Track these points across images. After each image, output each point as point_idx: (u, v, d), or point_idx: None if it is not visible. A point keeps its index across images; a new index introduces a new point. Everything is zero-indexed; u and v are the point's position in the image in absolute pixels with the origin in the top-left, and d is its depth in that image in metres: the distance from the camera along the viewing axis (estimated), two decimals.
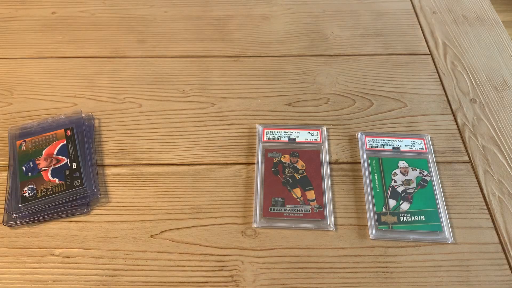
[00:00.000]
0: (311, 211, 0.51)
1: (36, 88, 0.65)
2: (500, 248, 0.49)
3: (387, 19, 0.75)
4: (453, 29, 0.74)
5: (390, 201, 0.52)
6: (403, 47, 0.71)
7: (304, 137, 0.58)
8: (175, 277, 0.47)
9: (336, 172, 0.55)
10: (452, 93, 0.64)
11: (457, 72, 0.67)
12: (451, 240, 0.49)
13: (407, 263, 0.48)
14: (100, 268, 0.48)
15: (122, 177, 0.55)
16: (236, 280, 0.47)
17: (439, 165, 0.56)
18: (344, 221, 0.51)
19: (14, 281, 0.47)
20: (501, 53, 0.70)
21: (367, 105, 0.63)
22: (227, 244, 0.49)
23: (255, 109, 0.62)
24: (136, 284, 0.47)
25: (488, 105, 0.63)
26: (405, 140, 0.57)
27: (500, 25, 0.74)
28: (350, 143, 0.58)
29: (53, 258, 0.48)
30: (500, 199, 0.53)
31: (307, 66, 0.68)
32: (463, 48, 0.70)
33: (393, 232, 0.50)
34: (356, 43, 0.71)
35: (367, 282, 0.47)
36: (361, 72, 0.67)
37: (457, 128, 0.60)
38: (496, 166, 0.56)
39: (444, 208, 0.51)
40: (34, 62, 0.69)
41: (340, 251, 0.49)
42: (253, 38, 0.72)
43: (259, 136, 0.58)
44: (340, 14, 0.76)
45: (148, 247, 0.49)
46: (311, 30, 0.73)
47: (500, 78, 0.66)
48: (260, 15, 0.76)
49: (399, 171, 0.54)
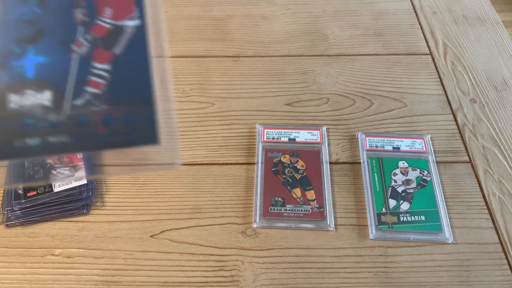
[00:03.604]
0: (311, 211, 0.51)
1: None
2: (500, 248, 0.49)
3: (387, 19, 0.75)
4: (453, 29, 0.74)
5: (390, 201, 0.52)
6: (403, 47, 0.71)
7: (304, 137, 0.58)
8: (175, 277, 0.47)
9: (336, 172, 0.55)
10: (452, 93, 0.64)
11: (457, 72, 0.67)
12: (451, 240, 0.49)
13: (407, 263, 0.48)
14: (100, 268, 0.48)
15: (122, 177, 0.55)
16: (236, 280, 0.47)
17: (439, 165, 0.56)
18: (344, 221, 0.51)
19: (14, 281, 0.47)
20: (501, 53, 0.70)
21: (367, 105, 0.63)
22: (227, 244, 0.49)
23: (255, 109, 0.62)
24: (136, 284, 0.47)
25: (488, 105, 0.62)
26: (405, 140, 0.57)
27: (500, 25, 0.74)
28: (350, 143, 0.58)
29: (53, 258, 0.48)
30: (500, 199, 0.53)
31: (307, 66, 0.68)
32: (463, 48, 0.70)
33: (393, 232, 0.50)
34: (356, 43, 0.71)
35: (367, 282, 0.47)
36: (361, 72, 0.67)
37: (457, 128, 0.60)
38: (496, 166, 0.56)
39: (444, 208, 0.51)
40: None
41: (340, 251, 0.49)
42: (253, 38, 0.72)
43: (259, 136, 0.58)
44: (340, 14, 0.76)
45: (148, 247, 0.49)
46: (311, 30, 0.73)
47: (500, 78, 0.66)
48: (260, 15, 0.76)
49: (399, 171, 0.54)
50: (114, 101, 0.26)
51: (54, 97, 0.26)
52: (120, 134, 0.26)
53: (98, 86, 0.26)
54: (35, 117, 0.25)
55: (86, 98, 0.26)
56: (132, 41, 0.27)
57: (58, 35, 0.26)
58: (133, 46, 0.27)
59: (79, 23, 0.27)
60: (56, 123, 0.25)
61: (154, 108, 0.26)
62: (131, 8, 0.28)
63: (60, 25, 0.27)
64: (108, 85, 0.26)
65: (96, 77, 0.26)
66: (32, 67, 0.26)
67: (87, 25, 0.27)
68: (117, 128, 0.26)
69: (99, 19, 0.27)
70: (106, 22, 0.27)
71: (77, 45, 0.27)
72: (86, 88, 0.26)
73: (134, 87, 0.26)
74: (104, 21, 0.27)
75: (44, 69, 0.26)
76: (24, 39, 0.26)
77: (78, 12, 0.27)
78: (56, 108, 0.25)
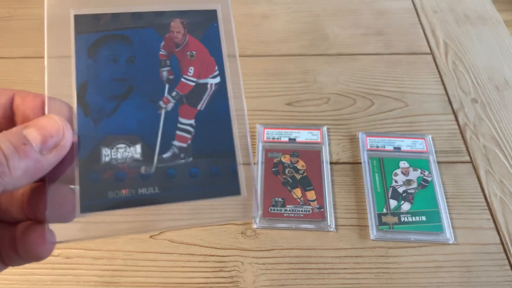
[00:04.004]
0: (311, 211, 0.51)
1: (34, 88, 0.65)
2: (502, 249, 0.49)
3: (388, 18, 0.75)
4: (454, 28, 0.73)
5: (391, 201, 0.52)
6: (404, 47, 0.70)
7: (304, 137, 0.58)
8: (175, 278, 0.47)
9: (336, 172, 0.55)
10: (453, 93, 0.64)
11: (458, 71, 0.67)
12: (452, 241, 0.49)
13: (408, 264, 0.48)
14: (99, 268, 0.47)
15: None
16: (236, 281, 0.46)
17: (440, 165, 0.55)
18: (345, 222, 0.51)
19: (13, 281, 0.47)
20: (503, 52, 0.69)
21: (368, 104, 0.62)
22: (227, 244, 0.49)
23: (255, 109, 0.62)
24: (135, 285, 0.46)
25: (489, 105, 0.62)
26: (406, 140, 0.57)
27: (501, 24, 0.74)
28: (351, 143, 0.58)
29: (52, 258, 0.48)
30: (502, 199, 0.53)
31: (307, 66, 0.68)
32: (464, 48, 0.70)
33: (394, 232, 0.50)
34: (357, 42, 0.71)
35: (368, 283, 0.46)
36: (362, 72, 0.67)
37: (458, 128, 0.60)
38: (498, 166, 0.56)
39: (445, 209, 0.51)
40: (32, 61, 0.68)
41: (340, 252, 0.49)
42: (253, 37, 0.72)
43: (259, 136, 0.58)
44: (341, 13, 0.76)
45: (147, 248, 0.49)
46: (312, 29, 0.73)
47: (502, 77, 0.66)
48: (260, 14, 0.75)
49: (400, 171, 0.54)
50: (199, 154, 0.28)
51: (144, 151, 0.28)
52: (205, 186, 0.28)
53: (184, 140, 0.28)
54: (127, 170, 0.27)
55: (173, 152, 0.28)
56: (213, 97, 0.29)
57: (147, 93, 0.29)
58: (215, 102, 0.29)
59: (165, 81, 0.29)
60: (146, 175, 0.27)
61: (235, 161, 0.28)
62: (212, 67, 0.30)
63: (148, 83, 0.29)
64: (193, 139, 0.28)
65: (182, 132, 0.28)
66: (123, 122, 0.28)
67: (173, 83, 0.29)
68: (202, 180, 0.28)
69: (183, 77, 0.29)
70: (190, 80, 0.30)
71: (164, 102, 0.29)
72: (173, 142, 0.28)
73: (217, 141, 0.29)
74: (188, 79, 0.30)
75: (135, 125, 0.28)
76: (116, 96, 0.28)
77: (164, 71, 0.29)
78: (146, 161, 0.27)
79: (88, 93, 0.28)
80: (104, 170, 0.27)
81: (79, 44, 0.28)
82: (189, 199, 0.28)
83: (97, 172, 0.26)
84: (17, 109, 0.27)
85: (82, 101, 0.28)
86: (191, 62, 0.30)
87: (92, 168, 0.27)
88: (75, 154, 0.26)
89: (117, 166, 0.27)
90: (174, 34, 0.30)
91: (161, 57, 0.29)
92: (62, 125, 0.25)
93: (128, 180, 0.27)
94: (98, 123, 0.27)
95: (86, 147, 0.27)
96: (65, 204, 0.26)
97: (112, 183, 0.26)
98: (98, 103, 0.28)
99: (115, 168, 0.27)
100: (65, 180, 0.26)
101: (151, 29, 0.30)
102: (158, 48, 0.29)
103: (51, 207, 0.25)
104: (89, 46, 0.29)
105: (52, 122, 0.25)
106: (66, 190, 0.26)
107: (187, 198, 0.28)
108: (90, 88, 0.28)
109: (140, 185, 0.27)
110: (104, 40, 0.29)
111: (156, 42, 0.29)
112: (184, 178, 0.28)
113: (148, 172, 0.27)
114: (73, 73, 0.28)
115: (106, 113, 0.28)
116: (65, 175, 0.26)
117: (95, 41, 0.29)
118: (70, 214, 0.26)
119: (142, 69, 0.29)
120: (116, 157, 0.27)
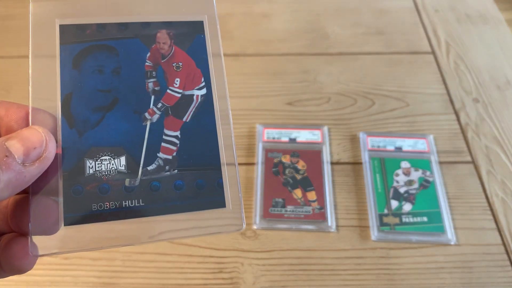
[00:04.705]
0: (312, 212, 0.51)
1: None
2: (503, 250, 0.48)
3: (389, 17, 0.74)
4: (455, 27, 0.73)
5: (392, 202, 0.51)
6: (405, 46, 0.70)
7: (305, 137, 0.57)
8: (174, 279, 0.47)
9: (337, 172, 0.55)
10: (454, 93, 0.63)
11: (460, 71, 0.66)
12: (454, 242, 0.49)
13: (409, 265, 0.47)
14: (97, 270, 0.47)
15: None
16: (236, 282, 0.46)
17: (441, 166, 0.55)
18: (346, 222, 0.51)
19: (11, 282, 0.46)
20: (504, 52, 0.69)
21: (368, 104, 0.62)
22: (227, 245, 0.49)
23: (255, 109, 0.62)
24: (134, 286, 0.46)
25: (491, 105, 0.62)
26: (407, 140, 0.57)
27: (503, 23, 0.73)
28: (352, 143, 0.58)
29: (51, 259, 0.48)
30: (503, 200, 0.52)
31: (308, 65, 0.67)
32: (465, 47, 0.70)
33: (395, 233, 0.49)
34: (358, 41, 0.71)
35: (369, 284, 0.46)
36: (363, 71, 0.66)
37: (459, 128, 0.59)
38: (499, 166, 0.55)
39: (447, 209, 0.51)
40: None
41: (341, 253, 0.48)
42: (253, 36, 0.71)
43: (259, 136, 0.57)
44: (341, 12, 0.75)
45: (146, 249, 0.48)
46: (312, 28, 0.73)
47: (503, 77, 0.65)
48: (261, 13, 0.75)
49: (401, 171, 0.54)
50: (184, 166, 0.28)
51: (128, 163, 0.27)
52: (190, 198, 0.27)
53: (170, 152, 0.28)
54: (111, 182, 0.27)
55: (158, 164, 0.28)
56: (199, 109, 0.29)
57: (132, 104, 0.28)
58: (200, 113, 0.29)
59: (151, 92, 0.29)
60: (130, 187, 0.27)
61: (221, 173, 0.28)
62: (199, 78, 0.30)
63: (134, 94, 0.28)
64: (178, 151, 0.28)
65: (168, 144, 0.28)
66: (108, 134, 0.27)
67: (159, 95, 0.29)
68: (187, 192, 0.27)
69: (169, 89, 0.29)
70: (176, 92, 0.29)
71: (150, 114, 0.28)
72: (158, 154, 0.28)
73: (203, 153, 0.28)
74: (174, 91, 0.29)
75: (120, 136, 0.28)
76: (101, 108, 0.28)
77: (150, 82, 0.29)
78: (130, 173, 0.27)
79: (73, 104, 0.27)
80: (88, 182, 0.26)
81: (64, 54, 0.28)
82: (173, 211, 0.27)
83: (81, 184, 0.26)
84: (1, 121, 0.26)
85: (66, 112, 0.27)
86: (177, 73, 0.30)
87: (76, 180, 0.26)
88: (59, 166, 0.26)
89: (101, 178, 0.26)
90: (161, 45, 0.30)
91: (147, 68, 0.29)
92: (45, 137, 0.25)
93: (112, 193, 0.26)
94: (83, 134, 0.27)
95: (70, 159, 0.27)
96: (48, 216, 0.26)
97: (96, 195, 0.26)
98: (82, 115, 0.27)
99: (99, 180, 0.26)
100: (48, 192, 0.26)
101: (137, 40, 0.29)
102: (144, 59, 0.29)
103: (35, 219, 0.25)
104: (74, 56, 0.28)
105: (35, 134, 0.24)
106: (50, 202, 0.26)
107: (172, 211, 0.27)
108: (74, 99, 0.28)
109: (124, 197, 0.27)
110: (90, 50, 0.29)
111: (142, 53, 0.29)
112: (169, 191, 0.27)
113: (133, 184, 0.27)
114: (58, 84, 0.28)
115: (90, 125, 0.27)
116: (49, 187, 0.26)
117: (81, 51, 0.28)
118: (53, 226, 0.25)
119: (127, 80, 0.29)
120: (100, 169, 0.27)
